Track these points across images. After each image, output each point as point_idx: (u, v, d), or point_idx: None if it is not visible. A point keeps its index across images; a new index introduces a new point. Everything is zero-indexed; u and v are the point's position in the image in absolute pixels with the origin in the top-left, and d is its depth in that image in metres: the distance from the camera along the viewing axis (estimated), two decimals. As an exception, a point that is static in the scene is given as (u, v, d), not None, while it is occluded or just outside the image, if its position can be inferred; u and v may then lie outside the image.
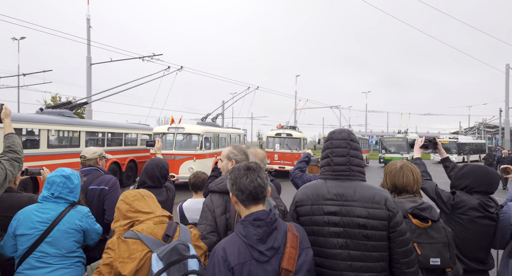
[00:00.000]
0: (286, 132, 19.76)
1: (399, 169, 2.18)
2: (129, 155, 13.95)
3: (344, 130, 2.01)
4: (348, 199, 1.79)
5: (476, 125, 50.97)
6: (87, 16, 17.03)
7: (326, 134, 18.39)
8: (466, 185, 2.48)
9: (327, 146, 1.96)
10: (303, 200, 1.88)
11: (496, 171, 2.50)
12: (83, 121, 11.28)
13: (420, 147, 3.02)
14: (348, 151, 1.89)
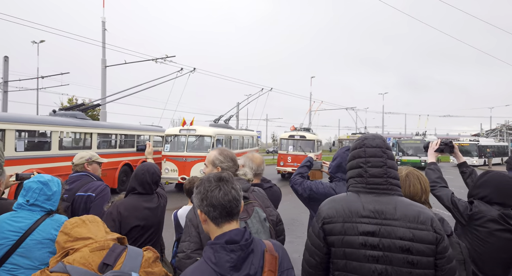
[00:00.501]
0: (300, 134, 19.50)
1: (404, 177, 1.96)
2: (141, 157, 13.95)
3: (378, 136, 1.76)
4: (388, 218, 1.54)
5: (498, 127, 49.28)
6: (103, 19, 17.23)
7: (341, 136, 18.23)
8: (486, 195, 2.25)
9: (358, 155, 1.71)
10: (332, 216, 1.61)
11: None
12: (95, 123, 11.34)
13: (435, 151, 2.79)
14: (385, 162, 1.65)
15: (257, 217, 1.95)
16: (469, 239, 2.23)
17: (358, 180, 1.67)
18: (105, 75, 17.17)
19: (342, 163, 2.67)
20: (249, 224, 1.90)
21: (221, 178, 1.40)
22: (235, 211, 1.37)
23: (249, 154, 2.63)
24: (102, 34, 17.11)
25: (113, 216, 2.30)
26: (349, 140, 24.82)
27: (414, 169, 2.03)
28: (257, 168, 2.54)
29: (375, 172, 1.64)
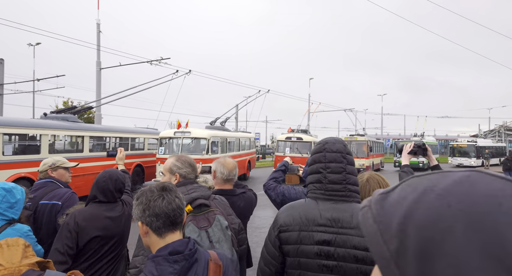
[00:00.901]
0: (297, 136, 19.38)
1: (365, 182, 1.93)
2: (135, 160, 13.80)
3: (339, 141, 1.71)
4: (344, 226, 1.51)
5: (496, 127, 49.29)
6: (97, 21, 17.09)
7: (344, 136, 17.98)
8: None
9: (319, 160, 1.66)
10: (289, 224, 1.57)
11: None
12: (87, 126, 11.19)
13: (408, 153, 2.73)
14: (344, 167, 1.62)
15: (218, 226, 1.88)
16: None
17: (317, 186, 1.64)
18: (100, 77, 17.02)
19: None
20: (210, 233, 1.84)
21: (164, 187, 1.39)
22: (179, 220, 1.35)
23: (221, 159, 2.50)
24: (97, 36, 16.98)
25: (70, 227, 2.14)
26: (347, 142, 24.63)
27: (376, 174, 1.98)
28: (229, 173, 2.41)
29: (334, 178, 1.61)
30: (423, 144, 2.76)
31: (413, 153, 2.72)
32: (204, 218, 1.85)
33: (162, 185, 1.40)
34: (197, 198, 1.90)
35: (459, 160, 32.57)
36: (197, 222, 1.82)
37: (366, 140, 23.90)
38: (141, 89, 14.78)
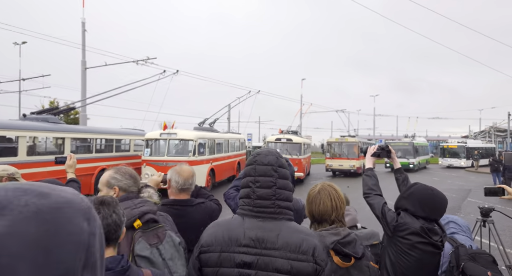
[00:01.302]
0: (287, 137, 19.23)
1: (316, 194, 1.82)
2: (120, 162, 13.47)
3: (272, 152, 1.58)
4: (268, 247, 1.41)
5: (486, 128, 49.75)
6: (82, 19, 16.74)
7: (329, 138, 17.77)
8: (409, 208, 2.14)
9: (249, 173, 1.55)
10: (210, 244, 1.45)
11: (444, 197, 2.16)
12: (68, 127, 10.87)
13: (372, 155, 2.64)
14: (275, 182, 1.49)
15: (170, 242, 1.76)
16: (394, 251, 2.13)
17: (246, 202, 1.52)
18: (85, 77, 16.65)
19: None
20: (161, 250, 1.72)
21: (103, 201, 1.36)
22: (114, 237, 1.33)
23: (177, 167, 2.29)
24: (82, 35, 16.62)
25: None
26: (338, 143, 24.56)
27: (329, 185, 1.88)
28: (184, 182, 2.21)
29: (263, 193, 1.48)
30: (387, 146, 2.67)
31: (376, 156, 2.63)
32: (153, 234, 1.73)
33: (101, 199, 1.38)
34: (146, 213, 1.76)
35: (449, 161, 32.76)
36: (147, 238, 1.70)
37: (356, 141, 23.83)
38: (127, 89, 14.48)
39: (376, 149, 2.63)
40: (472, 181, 20.91)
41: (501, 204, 12.17)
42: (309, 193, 1.88)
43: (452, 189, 16.86)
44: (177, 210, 2.16)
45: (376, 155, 2.61)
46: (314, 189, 1.87)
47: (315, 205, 1.80)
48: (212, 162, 15.14)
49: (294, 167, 15.32)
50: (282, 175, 1.52)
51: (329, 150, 24.37)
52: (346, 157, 23.53)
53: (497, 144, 47.77)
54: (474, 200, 13.43)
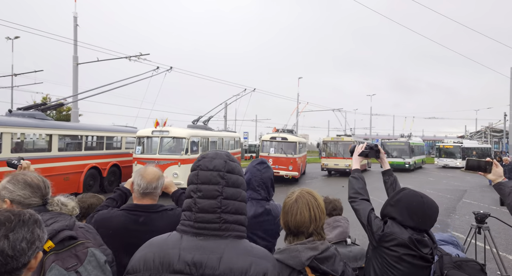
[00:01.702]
0: (281, 136, 19.01)
1: (293, 202, 1.57)
2: (111, 160, 13.25)
3: (219, 155, 1.34)
4: (207, 273, 1.18)
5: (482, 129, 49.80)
6: (74, 14, 16.43)
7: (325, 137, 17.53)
8: (396, 216, 1.90)
9: (191, 180, 1.33)
10: (137, 269, 1.22)
11: (435, 205, 1.93)
12: (56, 124, 10.59)
13: (359, 155, 2.40)
14: (221, 190, 1.26)
15: (94, 262, 1.46)
16: (379, 264, 1.92)
17: (187, 216, 1.28)
18: (76, 72, 16.36)
19: (251, 180, 2.21)
20: (83, 273, 1.40)
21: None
22: (7, 269, 0.97)
23: (141, 168, 2.05)
24: (74, 30, 16.31)
25: None
26: (334, 142, 24.39)
27: (309, 192, 1.64)
28: (147, 185, 1.96)
29: (205, 205, 1.24)
30: (376, 145, 2.43)
31: (364, 155, 2.39)
32: (70, 254, 1.43)
33: None
34: (61, 230, 1.45)
35: (445, 161, 32.71)
36: (62, 261, 1.38)
37: (352, 141, 23.66)
38: (119, 85, 14.21)
39: (364, 148, 2.40)
40: (467, 182, 20.81)
41: (496, 206, 12.01)
42: (285, 202, 1.65)
43: (448, 189, 16.73)
44: (137, 216, 1.93)
45: (364, 154, 2.38)
46: (291, 197, 1.63)
47: (291, 215, 1.57)
48: (205, 160, 14.92)
49: (289, 166, 15.01)
50: (231, 182, 1.29)
51: (324, 149, 24.19)
52: (342, 157, 23.35)
53: (493, 144, 47.81)
54: (470, 201, 13.28)
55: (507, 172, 13.59)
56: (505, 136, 36.08)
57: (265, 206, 2.17)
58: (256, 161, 2.27)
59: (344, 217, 2.42)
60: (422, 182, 19.98)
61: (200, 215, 1.23)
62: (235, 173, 1.31)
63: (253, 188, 2.17)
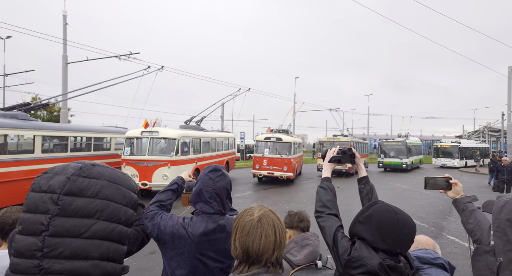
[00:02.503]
0: (276, 136, 18.69)
1: (256, 222, 1.29)
2: (99, 161, 12.86)
3: (69, 168, 1.03)
4: None
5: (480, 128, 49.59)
6: (64, 12, 16.09)
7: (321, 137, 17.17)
8: (366, 237, 1.52)
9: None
10: None
11: (411, 223, 1.53)
12: (39, 125, 10.25)
13: (330, 161, 2.03)
14: (46, 223, 0.91)
15: None
16: None
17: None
18: (66, 72, 16.03)
19: (202, 190, 1.89)
20: None
21: None
22: None
23: None
24: (63, 28, 15.99)
25: None
26: (330, 142, 24.07)
27: (272, 211, 1.36)
28: None
29: (23, 245, 0.90)
30: (349, 149, 2.09)
31: (336, 161, 2.03)
32: None
33: None
34: None
35: (442, 161, 32.45)
36: None
37: (348, 141, 23.37)
38: (109, 84, 13.85)
39: (336, 152, 2.06)
40: (464, 182, 20.54)
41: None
42: (242, 220, 1.33)
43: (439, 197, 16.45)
44: None
45: (335, 160, 2.03)
46: (251, 215, 1.33)
47: (253, 238, 1.27)
48: (197, 161, 14.61)
49: (284, 167, 14.66)
50: (72, 209, 0.93)
51: (321, 149, 23.90)
52: (338, 157, 23.05)
53: (491, 144, 47.59)
54: (466, 202, 13.00)
55: (506, 173, 13.08)
56: (503, 135, 35.84)
57: (219, 222, 1.85)
58: (208, 168, 1.94)
59: (314, 233, 2.08)
60: (418, 182, 19.70)
61: (15, 261, 0.87)
62: (87, 195, 0.95)
63: (204, 200, 1.85)
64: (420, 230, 8.11)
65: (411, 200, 13.25)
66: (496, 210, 1.38)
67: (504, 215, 1.32)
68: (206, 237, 1.79)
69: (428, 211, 11.09)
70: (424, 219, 9.73)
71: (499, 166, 13.67)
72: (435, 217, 10.12)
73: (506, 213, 1.32)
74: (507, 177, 13.07)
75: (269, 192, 15.12)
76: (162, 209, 1.91)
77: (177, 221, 1.80)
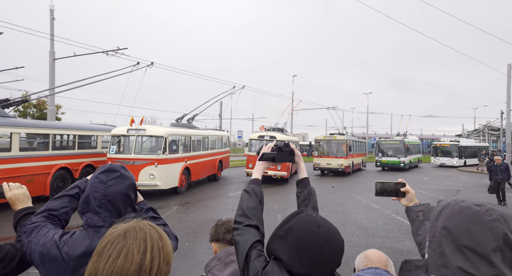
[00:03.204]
0: (270, 135, 18.30)
1: (116, 237, 0.91)
2: (84, 160, 12.51)
3: None
4: None
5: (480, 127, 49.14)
6: (50, 7, 15.69)
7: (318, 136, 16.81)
8: (280, 258, 1.16)
9: None
10: None
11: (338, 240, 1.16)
12: (16, 122, 9.85)
13: (260, 160, 1.63)
14: None
15: None
16: None
17: None
18: (53, 68, 15.63)
19: (90, 197, 1.45)
20: None
21: None
22: None
23: None
24: (50, 23, 15.59)
25: None
26: (326, 141, 23.66)
27: (151, 225, 0.97)
28: None
29: None
30: (286, 145, 1.66)
31: (269, 159, 1.62)
32: None
33: None
34: None
35: (441, 160, 32.03)
36: None
37: (345, 140, 22.96)
38: (96, 80, 13.47)
39: (270, 149, 1.65)
40: (463, 181, 20.14)
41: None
42: (105, 240, 0.94)
43: (440, 189, 16.06)
44: None
45: (268, 158, 1.62)
46: (116, 229, 0.95)
47: (106, 258, 0.88)
48: (187, 160, 14.21)
49: (277, 166, 14.23)
50: None
51: (317, 148, 23.49)
52: (335, 156, 22.65)
53: (491, 143, 47.15)
54: (463, 202, 12.58)
55: (499, 172, 12.34)
56: (501, 134, 35.41)
57: None
58: (100, 169, 1.51)
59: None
60: (415, 181, 19.29)
61: None
62: None
63: (93, 209, 1.43)
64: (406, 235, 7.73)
65: (406, 200, 12.84)
66: (433, 216, 1.01)
67: (441, 222, 0.95)
68: (88, 258, 1.38)
69: (423, 212, 10.69)
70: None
71: (491, 166, 12.80)
72: (429, 219, 9.71)
73: (442, 220, 0.95)
74: (500, 177, 12.33)
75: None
76: (51, 221, 1.50)
77: (51, 238, 1.38)
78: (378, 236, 7.72)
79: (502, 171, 12.20)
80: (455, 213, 0.93)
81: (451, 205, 0.96)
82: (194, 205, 11.20)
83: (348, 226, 8.54)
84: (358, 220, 9.14)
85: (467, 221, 0.90)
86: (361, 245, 7.01)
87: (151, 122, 40.94)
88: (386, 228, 8.47)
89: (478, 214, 0.90)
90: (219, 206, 11.13)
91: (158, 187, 11.92)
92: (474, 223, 0.89)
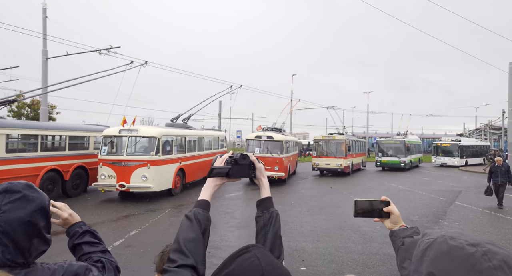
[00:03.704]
0: (267, 135, 18.00)
1: None
2: (75, 161, 12.22)
3: None
4: None
5: (481, 126, 48.72)
6: (43, 5, 15.40)
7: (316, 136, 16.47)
8: None
9: None
10: None
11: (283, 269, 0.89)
12: (3, 122, 9.55)
13: (211, 176, 1.31)
14: None
15: None
16: None
17: None
18: (46, 67, 15.34)
19: None
20: None
21: None
22: None
23: None
24: (43, 22, 15.30)
25: None
26: (325, 141, 23.34)
27: None
28: None
29: None
30: (244, 156, 1.33)
31: (222, 175, 1.30)
32: None
33: None
34: None
35: (442, 160, 31.66)
36: None
37: (344, 139, 22.63)
38: (89, 79, 13.15)
39: (224, 161, 1.34)
40: (464, 182, 19.78)
41: (491, 210, 10.97)
42: None
43: (441, 190, 15.72)
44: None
45: (220, 174, 1.29)
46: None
47: None
48: (182, 161, 13.90)
49: (275, 166, 13.91)
50: None
51: (316, 148, 23.17)
52: (334, 156, 22.33)
53: (493, 142, 46.76)
54: (463, 204, 12.26)
55: (500, 175, 11.43)
56: (503, 133, 35.03)
57: None
58: None
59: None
60: (416, 182, 18.96)
61: None
62: None
63: None
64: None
65: (404, 201, 12.51)
66: (417, 256, 0.71)
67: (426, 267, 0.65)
68: None
69: (421, 214, 10.36)
70: (415, 223, 9.00)
71: (492, 167, 11.76)
72: (427, 221, 9.39)
73: (427, 264, 0.65)
74: (501, 180, 11.41)
75: (257, 192, 14.41)
76: None
77: None
78: (375, 241, 7.40)
79: (503, 174, 11.30)
80: (442, 255, 0.64)
81: (438, 243, 0.67)
82: (188, 208, 10.90)
83: (344, 230, 8.22)
84: (355, 224, 8.83)
85: (458, 267, 0.61)
86: (357, 251, 6.70)
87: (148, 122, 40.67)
88: (384, 232, 8.15)
89: (473, 258, 0.61)
90: (213, 209, 10.71)
91: (151, 189, 11.62)
92: (468, 272, 0.59)
